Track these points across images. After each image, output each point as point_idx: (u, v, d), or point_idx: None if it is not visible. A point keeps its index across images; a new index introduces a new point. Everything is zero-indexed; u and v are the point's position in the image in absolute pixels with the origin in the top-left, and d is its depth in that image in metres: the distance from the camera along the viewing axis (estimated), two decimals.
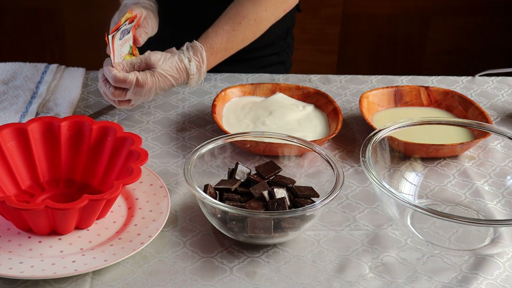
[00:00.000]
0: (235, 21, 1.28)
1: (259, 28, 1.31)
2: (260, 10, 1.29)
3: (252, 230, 0.96)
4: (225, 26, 1.27)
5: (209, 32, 1.27)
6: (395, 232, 1.04)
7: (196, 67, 1.23)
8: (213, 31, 1.27)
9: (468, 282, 0.96)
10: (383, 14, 2.57)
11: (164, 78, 1.19)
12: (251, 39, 1.32)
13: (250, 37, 1.31)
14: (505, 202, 1.10)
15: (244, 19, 1.28)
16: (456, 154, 1.19)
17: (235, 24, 1.28)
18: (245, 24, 1.28)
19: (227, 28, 1.27)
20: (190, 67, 1.22)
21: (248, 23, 1.29)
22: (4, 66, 1.41)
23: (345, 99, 1.38)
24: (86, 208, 0.95)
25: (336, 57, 2.65)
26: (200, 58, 1.23)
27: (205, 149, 1.07)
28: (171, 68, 1.20)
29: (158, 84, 1.19)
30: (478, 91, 1.43)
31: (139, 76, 1.17)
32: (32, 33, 2.55)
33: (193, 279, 0.95)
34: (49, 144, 1.08)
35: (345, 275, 0.96)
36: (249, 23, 1.29)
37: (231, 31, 1.27)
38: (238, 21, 1.28)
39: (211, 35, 1.27)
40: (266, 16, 1.31)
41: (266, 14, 1.30)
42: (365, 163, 1.00)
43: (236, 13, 1.28)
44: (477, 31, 2.62)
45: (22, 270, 0.92)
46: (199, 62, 1.23)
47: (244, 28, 1.28)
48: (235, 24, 1.28)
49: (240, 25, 1.28)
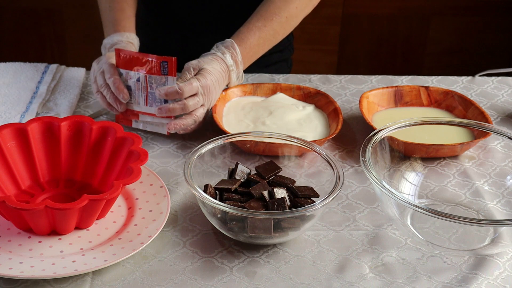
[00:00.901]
0: (266, 18, 1.30)
1: (290, 24, 1.34)
2: (291, 7, 1.32)
3: (252, 230, 0.96)
4: (257, 23, 1.30)
5: (241, 29, 1.30)
6: (395, 232, 1.04)
7: (231, 57, 1.25)
8: (245, 28, 1.30)
9: (468, 282, 0.96)
10: (383, 14, 2.57)
11: (211, 74, 1.20)
12: (282, 35, 1.34)
13: (281, 33, 1.34)
14: (505, 202, 1.10)
15: (275, 16, 1.31)
16: (456, 154, 1.19)
17: (267, 21, 1.30)
18: (276, 21, 1.31)
19: (258, 25, 1.30)
20: (225, 57, 1.24)
21: (279, 20, 1.31)
22: (4, 66, 1.41)
23: (345, 99, 1.38)
24: (86, 208, 0.95)
25: (336, 57, 2.65)
26: (233, 49, 1.25)
27: (205, 149, 1.07)
28: (211, 61, 1.22)
29: (214, 79, 1.20)
30: (478, 91, 1.43)
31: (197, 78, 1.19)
32: (32, 33, 2.55)
33: (193, 279, 0.95)
34: (49, 144, 1.08)
35: (345, 275, 0.96)
36: (281, 20, 1.31)
37: (262, 27, 1.30)
38: (270, 18, 1.30)
39: (243, 30, 1.29)
40: (296, 14, 1.34)
41: (296, 11, 1.33)
42: (365, 163, 1.00)
43: (268, 10, 1.31)
44: (477, 31, 2.62)
45: (22, 270, 0.92)
46: (232, 53, 1.25)
47: (275, 25, 1.31)
48: (266, 20, 1.30)
49: (271, 21, 1.30)
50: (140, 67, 1.19)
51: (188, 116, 1.20)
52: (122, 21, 1.32)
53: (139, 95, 1.21)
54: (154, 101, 1.20)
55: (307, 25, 2.54)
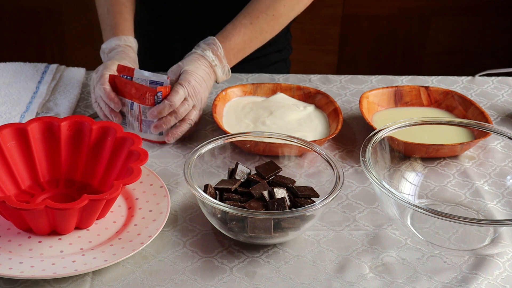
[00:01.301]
0: (253, 16, 1.30)
1: (278, 22, 1.34)
2: (279, 6, 1.32)
3: (252, 230, 0.96)
4: (243, 20, 1.30)
5: (226, 27, 1.30)
6: (395, 232, 1.04)
7: (211, 52, 1.24)
8: (230, 25, 1.30)
9: (468, 282, 0.96)
10: (383, 14, 2.57)
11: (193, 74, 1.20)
12: (270, 33, 1.34)
13: (268, 31, 1.33)
14: (505, 202, 1.10)
15: (262, 14, 1.30)
16: (456, 154, 1.19)
17: (253, 19, 1.30)
18: (263, 19, 1.31)
19: (244, 22, 1.30)
20: (205, 54, 1.24)
21: (266, 18, 1.31)
22: (4, 66, 1.41)
23: (345, 99, 1.38)
24: (86, 208, 0.95)
25: (336, 57, 2.65)
26: (213, 45, 1.25)
27: (205, 149, 1.07)
28: (191, 62, 1.22)
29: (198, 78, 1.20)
30: (478, 91, 1.43)
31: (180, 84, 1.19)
32: (32, 33, 2.55)
33: (193, 279, 0.95)
34: (49, 144, 1.08)
35: (345, 275, 0.96)
36: (267, 18, 1.31)
37: (248, 24, 1.29)
38: (256, 16, 1.30)
39: (228, 28, 1.29)
40: (284, 12, 1.33)
41: (284, 10, 1.33)
42: (365, 163, 1.00)
43: (255, 8, 1.31)
44: (477, 31, 2.62)
45: (22, 270, 0.92)
46: (213, 49, 1.25)
47: (262, 22, 1.31)
48: (252, 18, 1.30)
49: (258, 19, 1.30)
50: (133, 96, 1.19)
51: (183, 123, 1.20)
52: (120, 24, 1.32)
53: (133, 122, 1.21)
54: (148, 127, 1.21)
55: (307, 25, 2.55)
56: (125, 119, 1.22)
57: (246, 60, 1.50)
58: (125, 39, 1.30)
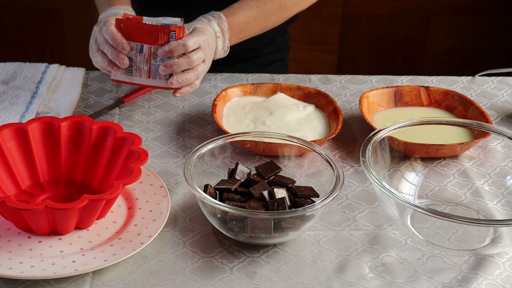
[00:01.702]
0: (260, 1, 1.31)
1: (282, 14, 1.35)
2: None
3: (252, 230, 0.96)
4: (250, 2, 1.30)
5: (233, 5, 1.30)
6: (395, 232, 1.04)
7: (217, 24, 1.24)
8: (238, 4, 1.30)
9: (468, 282, 0.96)
10: (383, 14, 2.57)
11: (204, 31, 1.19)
12: (273, 21, 1.35)
13: (272, 19, 1.34)
14: (505, 202, 1.10)
15: (269, 1, 1.32)
16: (456, 154, 1.19)
17: (260, 3, 1.31)
18: (270, 5, 1.32)
19: (251, 4, 1.30)
20: (211, 24, 1.23)
21: (272, 6, 1.32)
22: (4, 66, 1.41)
23: (345, 99, 1.38)
24: (86, 208, 0.95)
25: (336, 57, 2.65)
26: (219, 18, 1.25)
27: (205, 149, 1.07)
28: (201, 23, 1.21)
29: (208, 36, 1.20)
30: (478, 91, 1.43)
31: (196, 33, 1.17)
32: (32, 33, 2.55)
33: (193, 279, 0.95)
34: (49, 144, 1.08)
35: (345, 275, 0.96)
36: (274, 6, 1.32)
37: (254, 7, 1.30)
38: (264, 1, 1.31)
39: (234, 6, 1.30)
40: (290, 5, 1.35)
41: (291, 3, 1.34)
42: (365, 163, 1.00)
43: None
44: (477, 31, 2.62)
45: (22, 270, 0.92)
46: (218, 21, 1.24)
47: (268, 8, 1.32)
48: (260, 2, 1.31)
49: (265, 4, 1.31)
50: (143, 37, 1.15)
51: (191, 71, 1.18)
52: None
53: (142, 66, 1.17)
54: (158, 73, 1.17)
55: (307, 25, 2.55)
56: (130, 66, 1.18)
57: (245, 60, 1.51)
58: (125, 8, 1.28)
